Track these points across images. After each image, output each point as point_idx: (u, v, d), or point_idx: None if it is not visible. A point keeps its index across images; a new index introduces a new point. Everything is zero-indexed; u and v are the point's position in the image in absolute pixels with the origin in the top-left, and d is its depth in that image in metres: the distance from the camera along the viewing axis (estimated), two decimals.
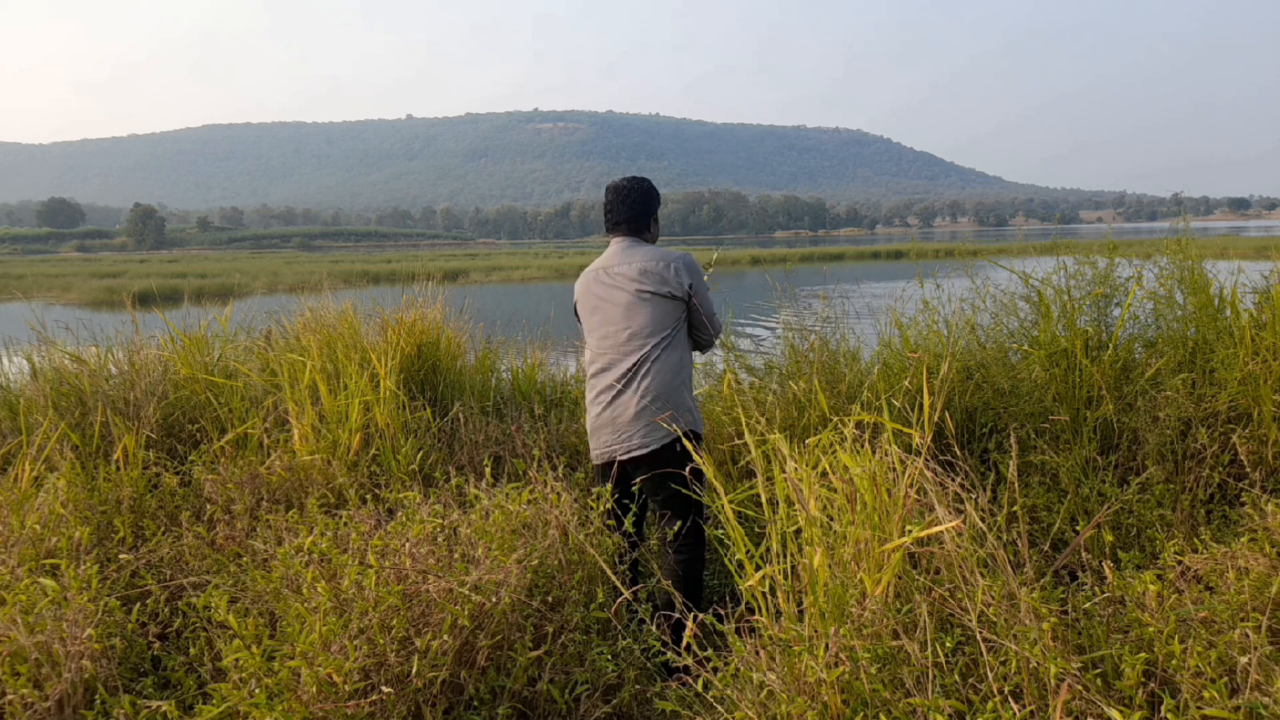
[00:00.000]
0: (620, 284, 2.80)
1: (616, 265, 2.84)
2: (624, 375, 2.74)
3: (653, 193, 2.96)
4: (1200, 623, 1.88)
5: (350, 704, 1.88)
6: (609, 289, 2.82)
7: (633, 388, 2.72)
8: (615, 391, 2.75)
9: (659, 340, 2.75)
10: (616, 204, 2.89)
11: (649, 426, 2.69)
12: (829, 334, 4.10)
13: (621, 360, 2.76)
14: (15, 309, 17.18)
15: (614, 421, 2.73)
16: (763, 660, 1.86)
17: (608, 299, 2.82)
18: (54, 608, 2.22)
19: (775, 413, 3.55)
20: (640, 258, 2.81)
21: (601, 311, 2.83)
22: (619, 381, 2.74)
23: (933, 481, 2.01)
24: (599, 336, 2.84)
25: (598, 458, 2.79)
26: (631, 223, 2.90)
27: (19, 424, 3.64)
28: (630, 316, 2.77)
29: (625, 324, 2.77)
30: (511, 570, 2.20)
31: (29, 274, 34.86)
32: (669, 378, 2.75)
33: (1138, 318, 3.65)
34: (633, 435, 2.70)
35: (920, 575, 1.99)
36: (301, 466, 3.27)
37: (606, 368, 2.80)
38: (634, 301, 2.77)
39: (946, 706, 1.65)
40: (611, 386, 2.76)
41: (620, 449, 2.71)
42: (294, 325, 4.67)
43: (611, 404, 2.75)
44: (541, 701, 2.13)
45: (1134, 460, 3.10)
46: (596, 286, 2.86)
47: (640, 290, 2.77)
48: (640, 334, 2.76)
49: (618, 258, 2.85)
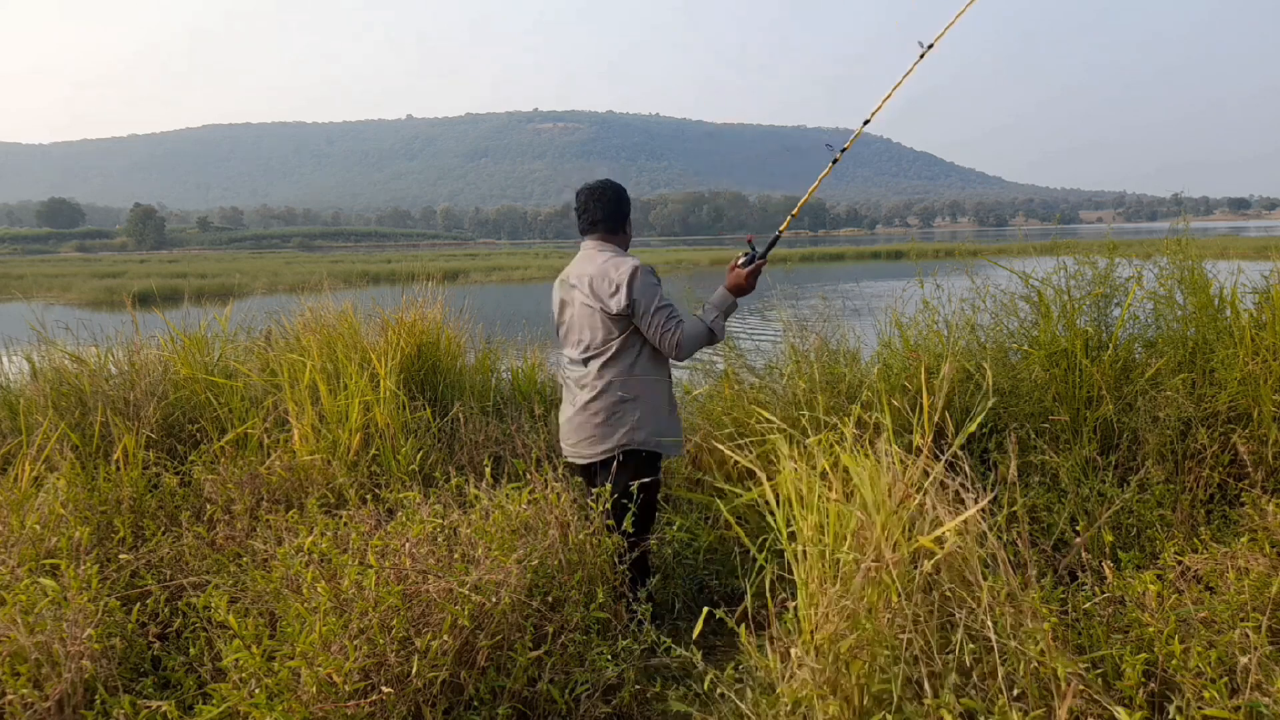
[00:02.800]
0: (579, 292, 2.78)
1: (577, 272, 2.83)
2: (579, 383, 2.81)
3: (624, 195, 2.93)
4: (1200, 623, 1.88)
5: (350, 704, 1.88)
6: (570, 295, 2.83)
7: (584, 398, 2.78)
8: (574, 397, 2.83)
9: (608, 353, 2.74)
10: (590, 204, 2.85)
11: (591, 440, 2.77)
12: (829, 334, 4.10)
13: (578, 368, 2.81)
14: (15, 309, 17.18)
15: (574, 427, 2.82)
16: (793, 661, 1.85)
17: (570, 305, 2.85)
18: (54, 608, 2.22)
19: (776, 412, 3.55)
20: (594, 267, 2.77)
21: (564, 318, 2.88)
22: (577, 388, 2.82)
23: (933, 480, 2.01)
24: (565, 343, 2.92)
25: (567, 456, 2.92)
26: (606, 223, 2.86)
27: (19, 424, 3.64)
28: (583, 327, 2.79)
29: (578, 334, 2.81)
30: (511, 570, 2.20)
31: (29, 274, 34.86)
32: (616, 392, 2.73)
33: (1138, 318, 3.65)
34: (580, 443, 2.81)
35: (920, 575, 1.98)
36: (301, 466, 3.27)
37: (563, 374, 2.92)
38: (586, 312, 2.77)
39: (957, 706, 1.65)
40: (571, 392, 2.86)
41: (576, 455, 2.85)
42: (294, 325, 4.67)
43: (566, 410, 2.87)
44: (541, 701, 2.13)
45: (1134, 460, 3.10)
46: (561, 291, 2.89)
47: (586, 302, 2.76)
48: (591, 345, 2.77)
49: (581, 264, 2.84)
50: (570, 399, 2.86)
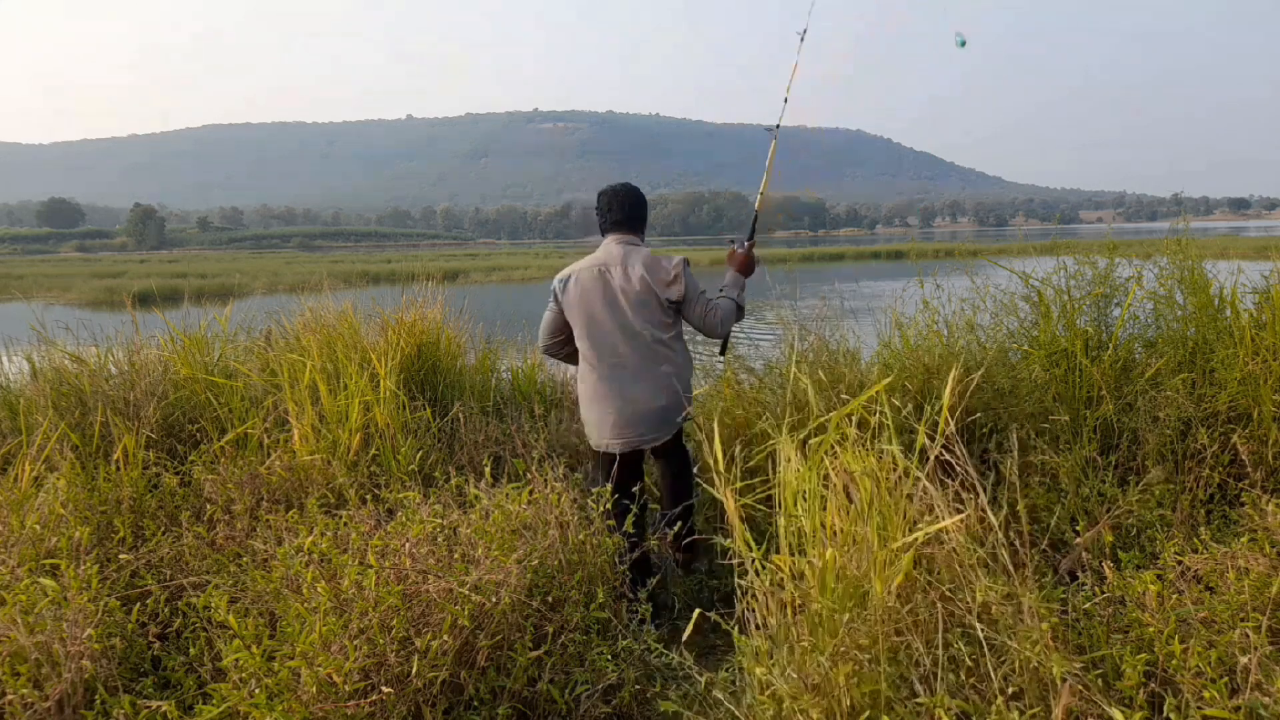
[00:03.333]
0: (633, 284, 2.98)
1: (616, 263, 3.01)
2: (636, 372, 2.98)
3: (644, 199, 3.21)
4: (1200, 623, 1.88)
5: (350, 704, 1.88)
6: (614, 285, 2.99)
7: (646, 385, 2.97)
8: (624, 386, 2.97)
9: (665, 339, 3.01)
10: (616, 205, 3.10)
11: (658, 424, 2.99)
12: (829, 334, 4.10)
13: (636, 355, 2.98)
14: (15, 309, 17.18)
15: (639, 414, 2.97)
16: (778, 657, 1.86)
17: (612, 293, 2.99)
18: (54, 608, 2.22)
19: (775, 413, 3.55)
20: (639, 259, 3.01)
21: (608, 309, 3.00)
22: (631, 377, 2.97)
23: (934, 480, 2.01)
24: (603, 331, 3.00)
25: (610, 448, 3.01)
26: (630, 223, 3.11)
27: (19, 424, 3.64)
28: (638, 316, 2.98)
29: (635, 323, 2.98)
30: (511, 570, 2.20)
31: (29, 274, 34.85)
32: (672, 377, 3.00)
33: (1138, 318, 3.65)
34: (648, 430, 2.99)
35: (921, 575, 1.99)
36: (301, 466, 3.27)
37: (615, 364, 3.00)
38: (641, 301, 2.98)
39: (953, 706, 1.65)
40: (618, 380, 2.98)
41: (639, 441, 2.99)
42: (294, 325, 4.67)
43: (624, 399, 2.98)
44: (541, 702, 2.13)
45: (1134, 460, 3.10)
46: (599, 284, 3.01)
47: (641, 292, 2.98)
48: (650, 332, 2.99)
49: (618, 256, 3.03)
50: (621, 390, 2.98)
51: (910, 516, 1.97)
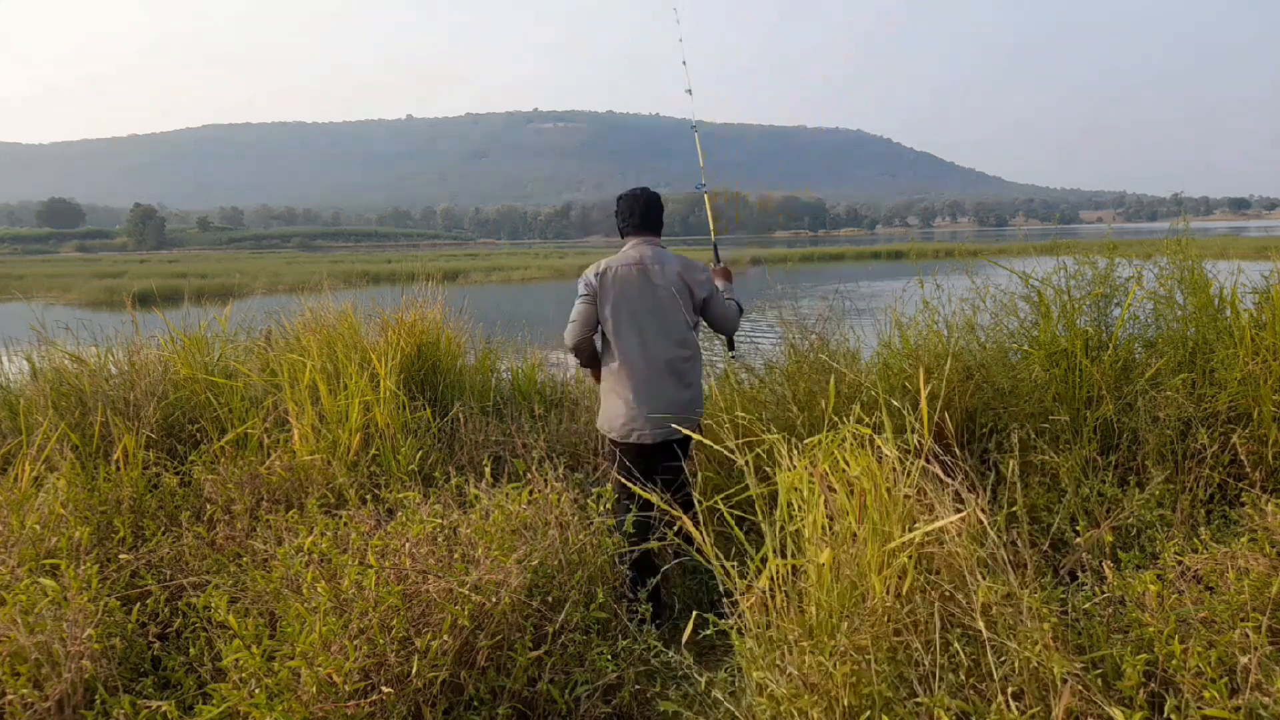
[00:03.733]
0: (669, 280, 3.14)
1: (652, 260, 3.17)
2: (672, 365, 3.11)
3: (662, 203, 3.38)
4: (1200, 623, 1.88)
5: (350, 704, 1.88)
6: (652, 280, 3.14)
7: (678, 379, 3.12)
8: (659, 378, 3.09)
9: (691, 336, 3.19)
10: (639, 209, 3.26)
11: (684, 417, 3.10)
12: (829, 334, 4.10)
13: (672, 350, 3.12)
14: (15, 309, 17.17)
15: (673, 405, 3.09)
16: (774, 658, 1.86)
17: (650, 288, 3.14)
18: (54, 608, 2.22)
19: (776, 413, 3.55)
20: (673, 259, 3.21)
21: (645, 303, 3.13)
22: (668, 370, 3.10)
23: (933, 480, 2.01)
24: (640, 325, 3.11)
25: (642, 439, 3.08)
26: (654, 227, 3.30)
27: (19, 424, 3.64)
28: (674, 311, 3.14)
29: (671, 317, 3.13)
30: (511, 570, 2.20)
31: (29, 274, 34.85)
32: (694, 372, 3.20)
33: (1138, 318, 3.65)
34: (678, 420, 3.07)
35: (920, 575, 1.99)
36: (301, 466, 3.27)
37: (649, 357, 3.10)
38: (673, 298, 3.14)
39: (953, 706, 1.65)
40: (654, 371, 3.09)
41: (670, 432, 3.07)
42: (294, 325, 4.67)
43: (657, 391, 3.09)
44: (541, 701, 2.13)
45: (1134, 460, 3.10)
46: (638, 280, 3.14)
47: (677, 289, 3.15)
48: (683, 328, 3.15)
49: (658, 256, 3.19)
50: (654, 382, 3.09)
51: (910, 516, 1.97)
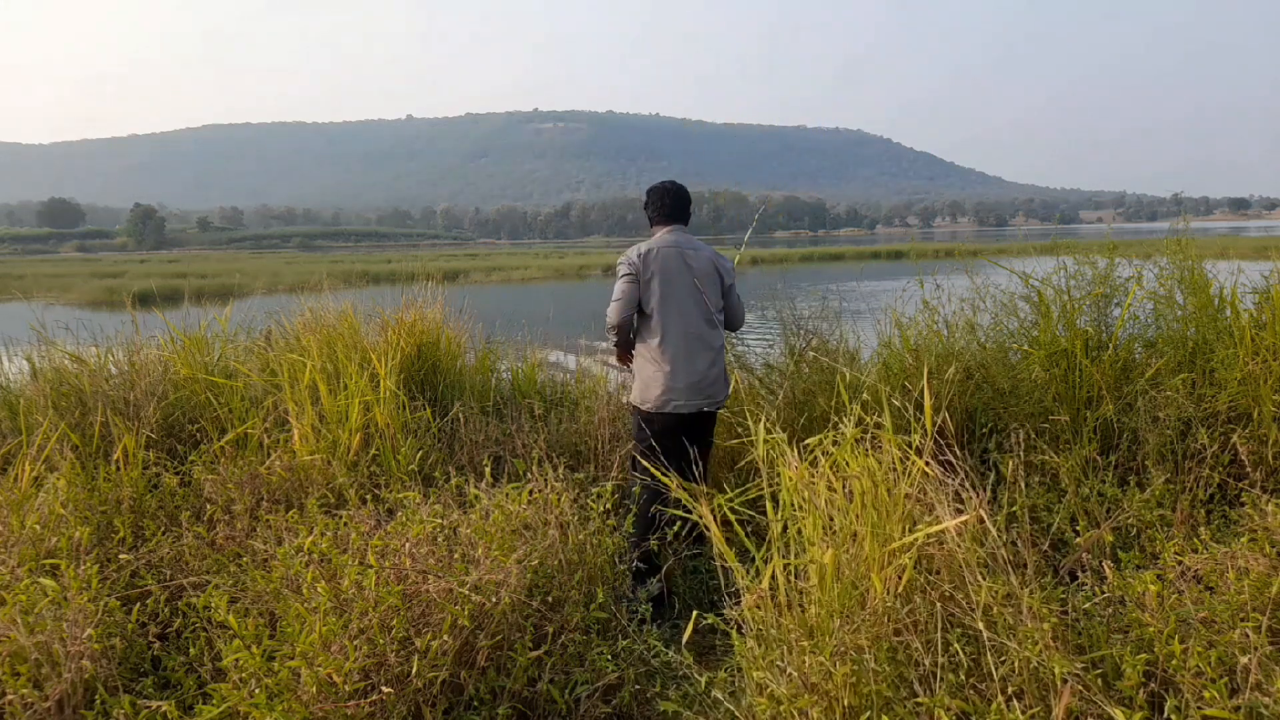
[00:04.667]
0: (703, 265, 3.37)
1: (687, 246, 3.39)
2: (708, 341, 3.32)
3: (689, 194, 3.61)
4: (1200, 623, 1.88)
5: (350, 704, 1.88)
6: (690, 264, 3.34)
7: (712, 355, 3.33)
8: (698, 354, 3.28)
9: (718, 317, 3.41)
10: (670, 200, 3.48)
11: (718, 390, 3.33)
12: (829, 334, 4.10)
13: (708, 328, 3.34)
14: (15, 309, 17.16)
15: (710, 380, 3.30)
16: (774, 658, 1.86)
17: (690, 271, 3.34)
18: (54, 608, 2.22)
19: (775, 413, 3.55)
20: (705, 246, 3.45)
21: (683, 283, 3.32)
22: (703, 346, 3.29)
23: (933, 480, 2.01)
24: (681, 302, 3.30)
25: (679, 408, 3.25)
26: (683, 217, 3.51)
27: (19, 424, 3.64)
28: (710, 293, 3.37)
29: (709, 298, 3.36)
30: (511, 570, 2.20)
31: (29, 274, 34.84)
32: (723, 350, 3.43)
33: (1138, 318, 3.65)
34: (716, 392, 3.33)
35: (920, 575, 1.99)
36: (301, 466, 3.27)
37: (687, 332, 3.29)
38: (711, 281, 3.38)
39: (953, 706, 1.65)
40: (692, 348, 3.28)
41: (705, 402, 3.28)
42: (294, 325, 4.67)
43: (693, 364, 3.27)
44: (541, 701, 2.13)
45: (1134, 460, 3.10)
46: (677, 261, 3.35)
47: (710, 273, 3.38)
48: (716, 309, 3.39)
49: (686, 242, 3.41)
50: (691, 355, 3.29)
51: (910, 516, 1.97)
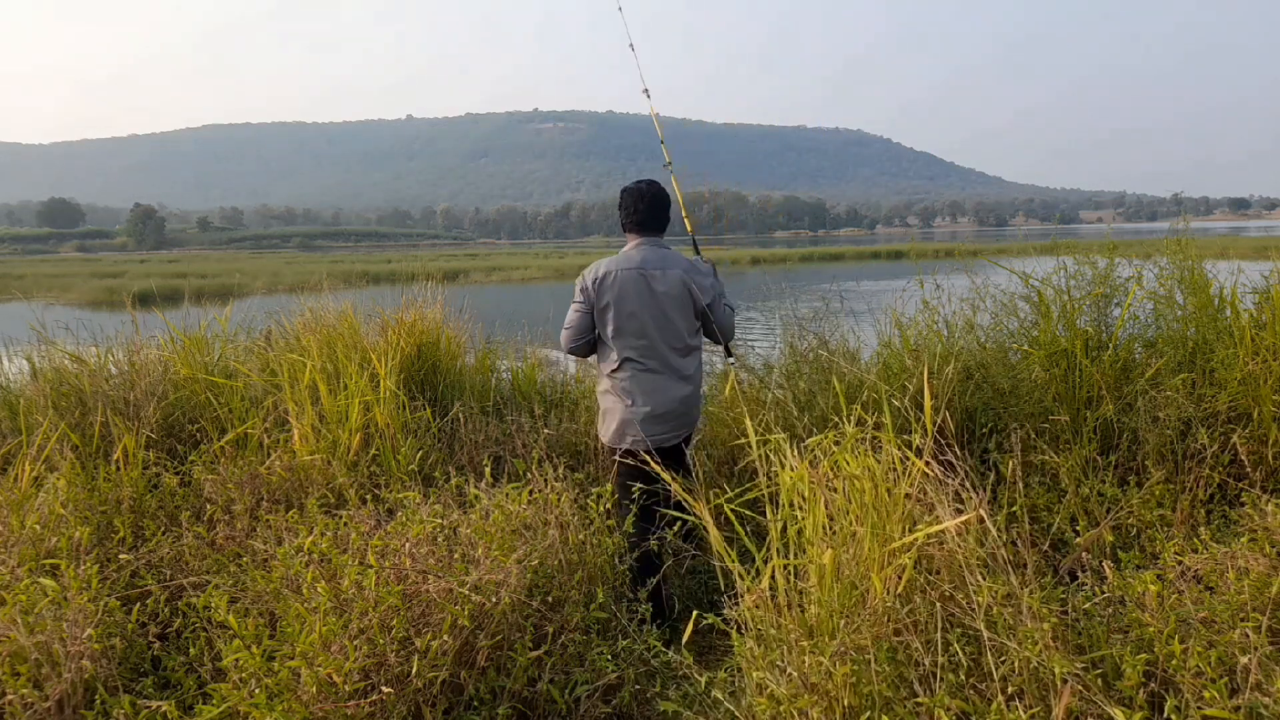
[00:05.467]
0: (671, 286, 2.99)
1: (653, 263, 3.02)
2: (679, 371, 3.01)
3: (669, 199, 3.19)
4: (1200, 623, 1.88)
5: (350, 704, 1.88)
6: (655, 285, 2.99)
7: (682, 385, 3.01)
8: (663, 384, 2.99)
9: (696, 342, 3.08)
10: (643, 206, 3.07)
11: (680, 425, 3.01)
12: (828, 334, 4.10)
13: (676, 356, 3.02)
14: (15, 309, 17.16)
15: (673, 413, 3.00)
16: (774, 658, 1.86)
17: (653, 294, 2.99)
18: (54, 608, 2.22)
19: (774, 413, 3.55)
20: (677, 261, 3.06)
21: (647, 309, 2.99)
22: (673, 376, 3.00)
23: (933, 480, 2.01)
24: (640, 330, 3.00)
25: (635, 443, 2.98)
26: (658, 226, 3.12)
27: (19, 424, 3.64)
28: (678, 317, 3.01)
29: (676, 323, 3.00)
30: (511, 570, 2.20)
31: (29, 274, 34.85)
32: (696, 379, 3.08)
33: (1138, 318, 3.65)
34: (677, 428, 3.01)
35: (920, 575, 1.99)
36: (301, 466, 3.27)
37: (648, 362, 3.00)
38: (679, 303, 3.01)
39: (953, 706, 1.65)
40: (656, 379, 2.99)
41: (668, 436, 2.99)
42: (294, 325, 4.67)
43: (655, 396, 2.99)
44: (541, 701, 2.13)
45: (1134, 460, 3.10)
46: (637, 285, 3.00)
47: (679, 294, 3.01)
48: (688, 334, 3.04)
49: (660, 259, 3.03)
50: (654, 388, 2.99)
51: (910, 516, 1.97)
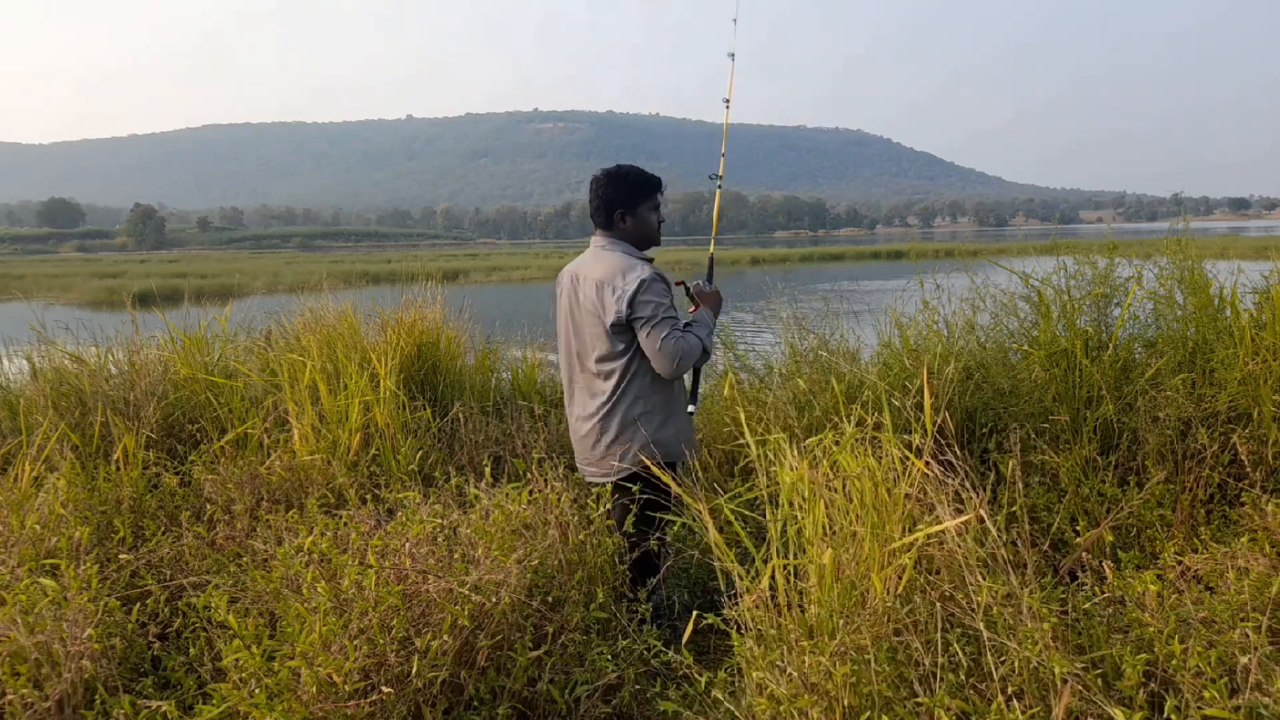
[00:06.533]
0: (585, 297, 2.60)
1: (584, 272, 2.63)
2: (583, 398, 2.69)
3: (624, 183, 2.66)
4: (1200, 623, 1.88)
5: (350, 704, 1.88)
6: (576, 296, 2.65)
7: (591, 415, 2.64)
8: (576, 415, 2.73)
9: (613, 366, 2.57)
10: (593, 195, 2.68)
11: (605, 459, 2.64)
12: (829, 333, 4.10)
13: (580, 381, 2.69)
14: (15, 309, 17.16)
15: (581, 445, 2.73)
16: (774, 658, 1.86)
17: (576, 306, 2.66)
18: (54, 608, 2.22)
19: (774, 413, 3.55)
20: (601, 270, 2.58)
21: (568, 321, 2.70)
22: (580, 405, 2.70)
23: (933, 480, 2.01)
24: (564, 349, 2.75)
25: (583, 475, 2.81)
26: (598, 216, 2.67)
27: (19, 424, 3.64)
28: (593, 335, 2.60)
29: (590, 341, 2.62)
30: (511, 570, 2.20)
31: (29, 274, 34.87)
32: (625, 408, 2.58)
33: (1138, 318, 3.65)
34: (591, 463, 2.70)
35: (920, 575, 1.99)
36: (301, 466, 3.27)
37: (569, 387, 2.76)
38: (593, 319, 2.59)
39: (953, 706, 1.65)
40: (573, 408, 2.74)
41: (593, 470, 2.71)
42: (294, 325, 4.67)
43: (574, 415, 2.74)
44: (541, 702, 2.13)
45: (1134, 460, 3.10)
46: (569, 291, 2.69)
47: (591, 309, 2.58)
48: (605, 355, 2.58)
49: (588, 263, 2.66)
50: (572, 406, 2.76)
51: (910, 516, 1.97)
